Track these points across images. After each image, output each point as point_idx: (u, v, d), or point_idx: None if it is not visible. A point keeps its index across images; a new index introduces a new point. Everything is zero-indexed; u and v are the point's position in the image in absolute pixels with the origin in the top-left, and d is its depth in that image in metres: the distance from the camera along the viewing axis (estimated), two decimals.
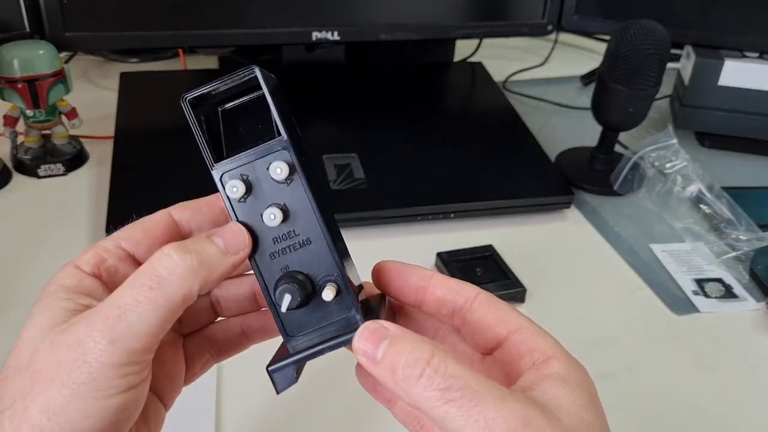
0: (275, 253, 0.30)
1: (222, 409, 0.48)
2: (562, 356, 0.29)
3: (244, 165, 0.30)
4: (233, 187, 0.30)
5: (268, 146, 0.29)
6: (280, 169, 0.29)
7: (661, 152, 0.73)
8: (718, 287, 0.63)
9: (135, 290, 0.27)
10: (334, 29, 0.77)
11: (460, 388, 0.25)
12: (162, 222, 0.32)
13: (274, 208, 0.30)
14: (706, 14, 0.82)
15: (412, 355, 0.26)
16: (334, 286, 0.30)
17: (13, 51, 0.66)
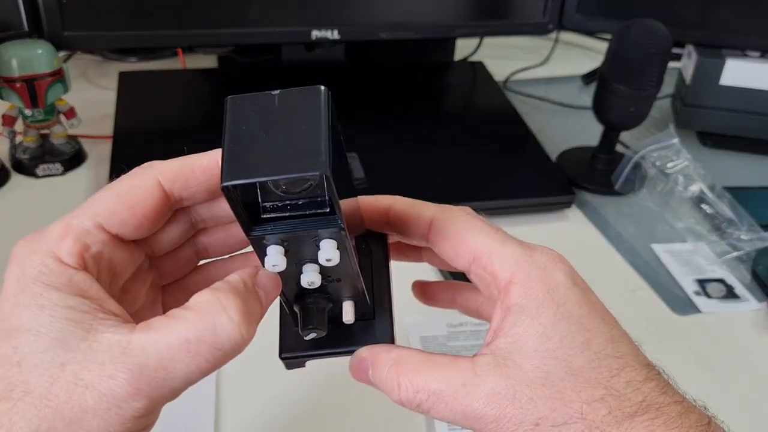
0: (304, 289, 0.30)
1: (222, 410, 0.48)
2: (520, 274, 0.28)
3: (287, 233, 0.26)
4: (273, 264, 0.26)
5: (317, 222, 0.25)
6: (327, 257, 0.26)
7: (662, 152, 0.73)
8: (719, 287, 0.63)
9: (188, 358, 0.24)
10: (334, 28, 0.77)
11: (427, 398, 0.28)
12: (151, 197, 0.28)
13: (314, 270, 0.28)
14: (708, 14, 0.82)
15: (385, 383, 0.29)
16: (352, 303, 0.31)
17: (11, 50, 0.66)
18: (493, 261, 0.29)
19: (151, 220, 0.28)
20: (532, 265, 0.28)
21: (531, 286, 0.28)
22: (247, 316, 0.25)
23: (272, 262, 0.26)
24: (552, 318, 0.27)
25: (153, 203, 0.28)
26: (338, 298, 0.31)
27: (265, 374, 0.50)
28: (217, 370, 0.25)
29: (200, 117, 0.80)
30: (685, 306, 0.61)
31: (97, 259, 0.27)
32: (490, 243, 0.29)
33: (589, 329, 0.27)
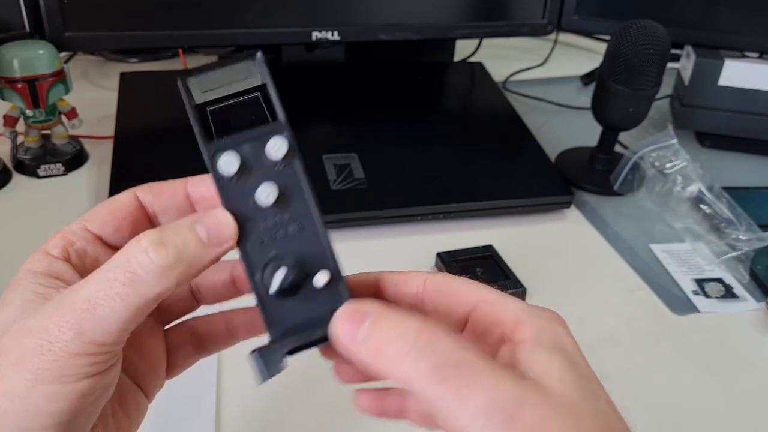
0: (264, 239, 0.28)
1: (222, 408, 0.48)
2: (527, 318, 0.28)
3: (240, 144, 0.28)
4: (228, 162, 0.28)
5: (265, 129, 0.28)
6: (277, 146, 0.28)
7: (661, 152, 0.73)
8: (718, 287, 0.63)
9: (107, 284, 0.26)
10: (334, 29, 0.77)
11: (456, 363, 0.24)
12: (128, 202, 0.31)
13: (270, 184, 0.28)
14: (707, 14, 0.82)
15: (398, 329, 0.25)
16: (326, 272, 0.29)
17: (12, 51, 0.66)
18: (496, 308, 0.29)
19: (128, 224, 0.31)
20: (536, 314, 0.29)
21: (540, 329, 0.28)
22: (161, 242, 0.27)
23: (227, 159, 0.28)
24: (565, 360, 0.27)
25: (129, 209, 0.31)
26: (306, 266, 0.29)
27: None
28: (142, 302, 0.26)
29: None
30: (684, 306, 0.62)
31: (81, 254, 0.30)
32: (492, 294, 0.30)
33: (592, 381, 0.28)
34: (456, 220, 0.69)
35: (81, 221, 0.31)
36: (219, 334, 0.34)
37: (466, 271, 0.60)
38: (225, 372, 0.51)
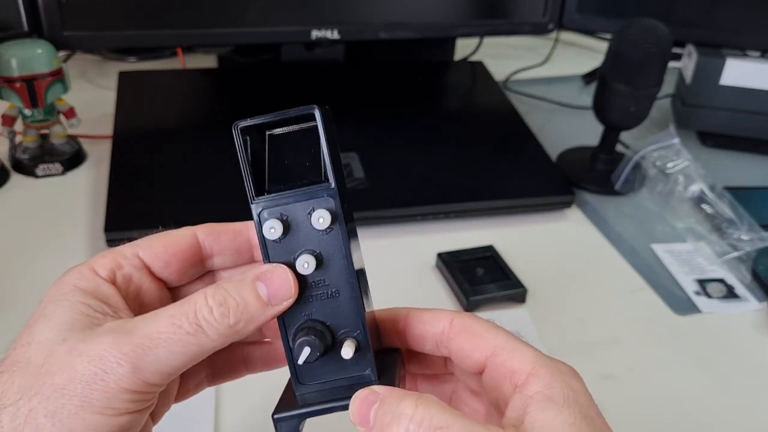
0: (301, 299, 0.29)
1: (222, 406, 0.48)
2: (542, 369, 0.28)
3: (285, 205, 0.29)
4: (271, 227, 0.29)
5: (313, 190, 0.29)
6: (322, 219, 0.28)
7: (662, 152, 0.73)
8: (719, 287, 0.63)
9: (171, 328, 0.27)
10: (334, 28, 0.77)
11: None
12: (185, 241, 0.32)
13: (309, 255, 0.29)
14: (708, 13, 0.82)
15: (396, 412, 0.26)
16: (353, 342, 0.29)
17: (11, 50, 0.66)
18: (514, 355, 0.29)
19: (180, 261, 0.31)
20: (552, 366, 0.29)
21: (554, 382, 0.28)
22: (224, 302, 0.28)
23: (270, 225, 0.29)
24: (578, 415, 0.27)
25: (184, 245, 0.32)
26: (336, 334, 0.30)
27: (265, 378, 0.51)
28: (199, 352, 0.27)
29: (200, 117, 0.80)
30: (686, 306, 0.61)
31: (127, 280, 0.30)
32: (512, 341, 0.30)
33: None
34: (457, 220, 0.69)
35: (134, 246, 0.31)
36: (233, 364, 0.35)
37: (466, 271, 0.60)
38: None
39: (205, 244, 0.32)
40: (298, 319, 0.30)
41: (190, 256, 0.32)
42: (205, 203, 0.64)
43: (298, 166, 0.29)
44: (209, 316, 0.27)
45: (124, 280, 0.30)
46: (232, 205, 0.64)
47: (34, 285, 0.57)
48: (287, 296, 0.29)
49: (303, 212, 0.29)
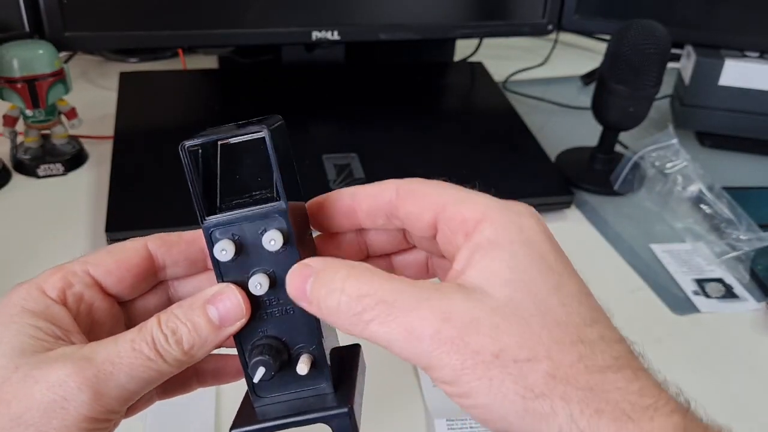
0: (255, 316, 0.29)
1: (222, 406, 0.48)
2: (493, 213, 0.26)
3: (237, 225, 0.28)
4: (222, 249, 0.28)
5: (265, 210, 0.28)
6: (274, 241, 0.28)
7: (661, 152, 0.73)
8: (718, 287, 0.63)
9: (132, 353, 0.26)
10: (334, 29, 0.77)
11: (375, 305, 0.24)
12: (137, 255, 0.30)
13: (262, 275, 0.28)
14: (707, 14, 0.82)
15: (327, 286, 0.25)
16: (309, 357, 0.29)
17: (12, 51, 0.66)
18: (462, 207, 0.27)
19: (133, 275, 0.30)
20: (504, 209, 0.27)
21: (503, 225, 0.26)
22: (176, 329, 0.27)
23: (222, 247, 0.28)
24: (525, 253, 0.25)
25: (137, 260, 0.30)
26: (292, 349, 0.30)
27: None
28: (158, 378, 0.27)
29: (200, 117, 0.80)
30: (684, 306, 0.62)
31: (78, 299, 0.29)
32: (459, 193, 0.28)
33: (561, 275, 0.25)
34: None
35: (84, 263, 0.30)
36: (184, 378, 0.33)
37: None
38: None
39: (158, 256, 0.31)
40: (253, 335, 0.29)
41: (142, 270, 0.31)
42: None
43: (251, 178, 0.29)
44: (165, 343, 0.27)
45: (75, 300, 0.29)
46: None
47: None
48: (238, 317, 0.28)
49: (255, 232, 0.28)
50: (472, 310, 0.24)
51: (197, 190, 0.28)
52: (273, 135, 0.27)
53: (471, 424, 0.47)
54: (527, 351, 0.23)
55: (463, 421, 0.47)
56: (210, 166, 0.29)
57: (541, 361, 0.23)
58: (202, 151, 0.29)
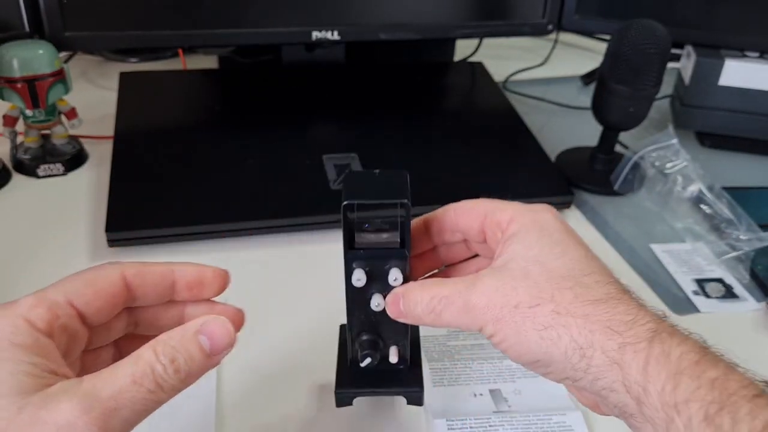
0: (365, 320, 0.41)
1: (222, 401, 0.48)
2: (519, 215, 0.37)
3: (370, 259, 0.39)
4: (358, 278, 0.39)
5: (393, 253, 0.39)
6: (396, 279, 0.39)
7: (661, 152, 0.73)
8: (718, 287, 0.63)
9: (133, 387, 0.28)
10: (334, 29, 0.77)
11: (439, 301, 0.35)
12: (114, 283, 0.32)
13: (381, 297, 0.40)
14: (707, 14, 0.82)
15: (411, 301, 0.37)
16: (397, 349, 0.42)
17: (12, 51, 0.66)
18: (498, 213, 0.38)
19: (110, 306, 0.33)
20: (527, 211, 0.37)
21: (524, 221, 0.36)
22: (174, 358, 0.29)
23: (356, 278, 0.39)
24: (536, 237, 0.35)
25: (115, 290, 0.33)
26: (386, 343, 0.42)
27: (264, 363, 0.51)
28: (156, 407, 0.29)
29: (201, 117, 0.80)
30: (684, 306, 0.62)
31: (62, 330, 0.30)
32: (496, 204, 0.39)
33: (566, 245, 0.35)
34: None
35: (65, 293, 0.31)
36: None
37: None
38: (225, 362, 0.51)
39: (130, 284, 0.33)
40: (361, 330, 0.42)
41: (119, 301, 0.33)
42: (205, 203, 0.65)
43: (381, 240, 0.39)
44: (164, 374, 0.29)
45: (60, 331, 0.30)
46: (232, 205, 0.65)
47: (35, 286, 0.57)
48: (227, 345, 0.31)
49: (381, 267, 0.39)
50: (497, 282, 0.34)
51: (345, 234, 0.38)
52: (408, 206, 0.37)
53: (471, 423, 0.47)
54: (537, 299, 0.33)
55: (463, 421, 0.47)
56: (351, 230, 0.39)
57: (546, 304, 0.33)
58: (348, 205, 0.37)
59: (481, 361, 0.53)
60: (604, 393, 0.32)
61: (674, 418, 0.29)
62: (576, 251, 0.35)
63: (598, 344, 0.31)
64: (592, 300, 0.32)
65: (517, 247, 0.35)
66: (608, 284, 0.34)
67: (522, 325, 0.33)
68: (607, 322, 0.32)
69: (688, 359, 0.31)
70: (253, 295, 0.59)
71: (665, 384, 0.30)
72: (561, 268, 0.34)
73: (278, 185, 0.68)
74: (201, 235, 0.63)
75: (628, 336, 0.31)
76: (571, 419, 0.48)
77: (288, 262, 0.63)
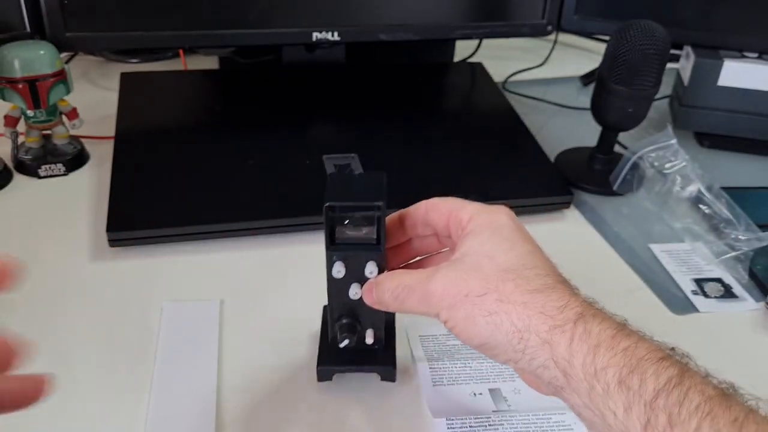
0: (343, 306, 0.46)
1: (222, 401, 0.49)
2: (477, 216, 0.41)
3: (349, 252, 0.43)
4: (338, 270, 0.44)
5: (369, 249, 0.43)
6: (373, 271, 0.44)
7: (660, 152, 0.73)
8: (717, 287, 0.64)
9: None
10: (335, 29, 0.78)
11: (401, 291, 0.41)
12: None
13: (358, 285, 0.45)
14: (706, 14, 0.82)
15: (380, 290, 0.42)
16: (372, 332, 0.47)
17: (13, 51, 0.66)
18: (460, 213, 0.42)
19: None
20: (484, 211, 0.42)
21: (480, 221, 0.41)
22: None
23: (336, 270, 0.44)
24: (488, 234, 0.40)
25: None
26: (364, 326, 0.47)
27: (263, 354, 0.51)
28: None
29: (201, 117, 0.80)
30: (683, 305, 0.62)
31: None
32: (460, 203, 0.43)
33: (514, 242, 0.40)
34: None
35: None
36: None
37: None
38: (225, 357, 0.51)
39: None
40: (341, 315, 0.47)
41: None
42: (206, 203, 0.65)
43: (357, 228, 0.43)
44: None
45: None
46: (232, 205, 0.65)
47: (35, 285, 0.58)
48: None
49: (359, 263, 0.44)
50: (452, 273, 0.39)
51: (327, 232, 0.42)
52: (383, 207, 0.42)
53: (470, 423, 0.48)
54: (484, 289, 0.38)
55: (462, 420, 0.48)
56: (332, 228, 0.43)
57: (492, 293, 0.38)
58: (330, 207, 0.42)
59: (480, 360, 0.53)
60: (539, 371, 0.37)
61: (594, 385, 0.34)
62: (522, 247, 0.40)
63: (533, 327, 0.36)
64: (530, 290, 0.37)
65: (472, 243, 0.40)
66: (546, 276, 0.39)
67: (471, 311, 0.38)
68: (541, 308, 0.37)
69: (605, 334, 0.35)
70: (253, 295, 0.59)
71: (586, 356, 0.35)
72: (507, 262, 0.38)
73: (278, 185, 0.68)
74: (201, 235, 0.63)
75: (558, 319, 0.36)
76: (571, 418, 0.48)
77: (288, 262, 0.63)
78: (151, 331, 0.54)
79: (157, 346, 0.53)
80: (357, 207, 0.42)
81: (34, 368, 0.51)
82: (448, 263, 0.40)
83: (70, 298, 0.57)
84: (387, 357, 0.49)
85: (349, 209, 0.42)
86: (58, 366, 0.50)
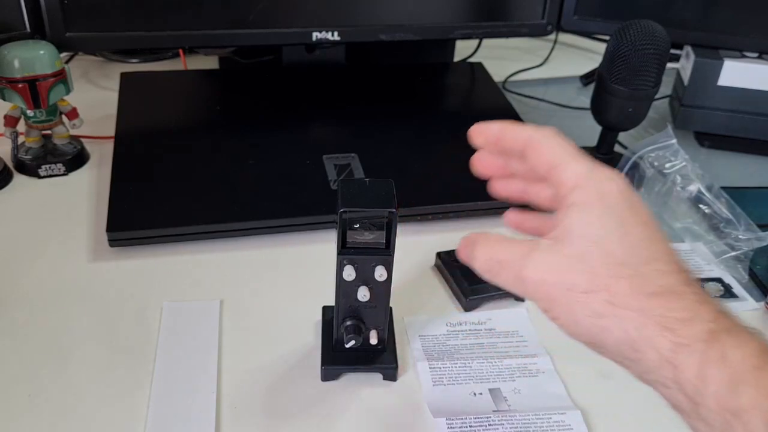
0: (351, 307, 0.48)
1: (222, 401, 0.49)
2: (584, 181, 0.35)
3: (359, 255, 0.45)
4: (348, 273, 0.46)
5: (379, 253, 0.45)
6: (382, 275, 0.46)
7: (660, 152, 0.73)
8: (717, 287, 0.64)
9: None
10: (335, 29, 0.78)
11: (494, 264, 0.36)
12: None
13: (366, 288, 0.47)
14: (706, 14, 0.82)
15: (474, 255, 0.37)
16: (376, 333, 0.49)
17: (13, 51, 0.66)
18: (562, 173, 0.36)
19: None
20: (592, 176, 0.36)
21: (588, 193, 0.35)
22: None
23: (347, 273, 0.46)
24: (597, 213, 0.34)
25: None
26: (368, 327, 0.49)
27: (264, 352, 0.51)
28: None
29: (201, 117, 0.80)
30: None
31: None
32: (563, 155, 0.37)
33: (629, 227, 0.33)
34: (456, 220, 0.69)
35: None
36: None
37: (466, 271, 0.60)
38: (225, 357, 0.51)
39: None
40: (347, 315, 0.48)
41: None
42: (206, 203, 0.65)
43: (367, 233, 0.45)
44: None
45: None
46: (232, 205, 0.65)
47: (36, 285, 0.58)
48: None
49: (369, 266, 0.46)
50: (551, 257, 0.34)
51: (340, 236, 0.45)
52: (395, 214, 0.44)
53: (470, 423, 0.48)
54: (591, 285, 0.32)
55: (462, 420, 0.48)
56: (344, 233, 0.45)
57: (600, 292, 0.32)
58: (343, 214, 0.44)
59: (480, 360, 0.53)
60: (654, 385, 0.32)
61: (732, 423, 0.29)
62: (640, 233, 0.33)
63: (652, 342, 0.31)
64: (648, 293, 0.31)
65: (577, 221, 0.34)
66: (668, 275, 0.32)
67: (574, 307, 0.33)
68: (661, 319, 0.31)
69: (747, 364, 0.29)
70: (253, 295, 0.59)
71: (722, 389, 0.29)
72: (620, 254, 0.33)
73: (278, 185, 0.68)
74: (201, 235, 0.63)
75: (683, 336, 0.30)
76: (571, 418, 0.48)
77: (288, 262, 0.63)
78: (151, 331, 0.54)
79: (157, 346, 0.53)
80: (370, 212, 0.44)
81: (34, 368, 0.52)
82: (548, 243, 0.34)
83: (70, 298, 0.57)
84: (389, 357, 0.51)
85: (362, 214, 0.44)
86: (58, 366, 0.50)
